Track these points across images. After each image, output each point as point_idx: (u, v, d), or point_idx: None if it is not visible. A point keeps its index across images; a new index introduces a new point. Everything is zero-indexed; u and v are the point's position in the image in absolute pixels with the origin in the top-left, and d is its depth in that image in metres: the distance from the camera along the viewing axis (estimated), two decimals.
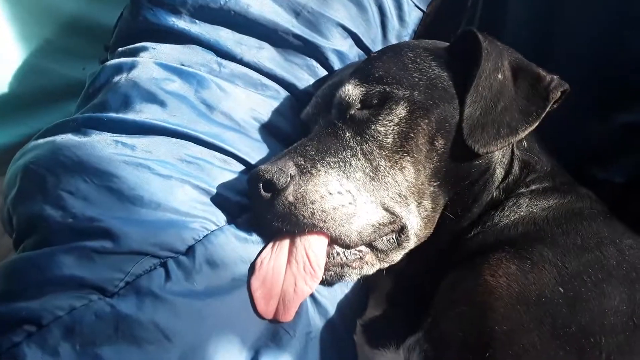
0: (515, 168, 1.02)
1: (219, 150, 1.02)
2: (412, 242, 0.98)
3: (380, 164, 0.95)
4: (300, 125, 1.14)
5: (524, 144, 1.05)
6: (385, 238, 0.96)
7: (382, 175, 0.95)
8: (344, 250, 0.93)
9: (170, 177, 0.93)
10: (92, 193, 0.89)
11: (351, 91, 1.00)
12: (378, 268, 0.97)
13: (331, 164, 0.94)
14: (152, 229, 0.87)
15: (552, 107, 0.98)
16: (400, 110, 0.97)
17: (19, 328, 0.78)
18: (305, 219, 0.89)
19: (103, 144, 0.95)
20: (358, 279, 0.99)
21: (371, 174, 0.95)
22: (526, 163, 1.04)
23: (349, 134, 0.98)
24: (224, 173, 0.99)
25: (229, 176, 0.99)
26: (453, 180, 0.98)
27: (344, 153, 0.96)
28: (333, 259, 0.93)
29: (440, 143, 0.97)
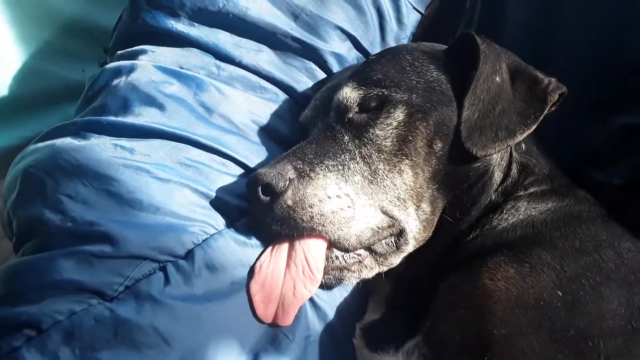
0: (513, 171, 1.02)
1: (217, 153, 1.02)
2: (411, 246, 0.98)
3: (378, 167, 0.95)
4: (299, 128, 1.14)
5: (523, 146, 1.05)
6: (384, 241, 0.96)
7: (381, 178, 0.95)
8: (343, 253, 0.93)
9: (169, 181, 0.93)
10: (92, 197, 0.89)
11: (349, 94, 1.00)
12: (377, 271, 0.97)
13: (330, 167, 0.94)
14: (151, 233, 0.87)
15: (550, 110, 0.98)
16: (399, 114, 0.97)
17: (18, 332, 0.78)
18: (304, 223, 0.89)
19: (102, 148, 0.95)
20: (357, 283, 1.00)
21: (370, 177, 0.95)
22: (524, 166, 1.04)
23: (347, 137, 0.99)
24: (222, 176, 0.99)
25: (227, 180, 0.99)
26: (451, 183, 0.98)
27: (343, 156, 0.96)
28: (332, 262, 0.93)
29: (438, 146, 0.97)
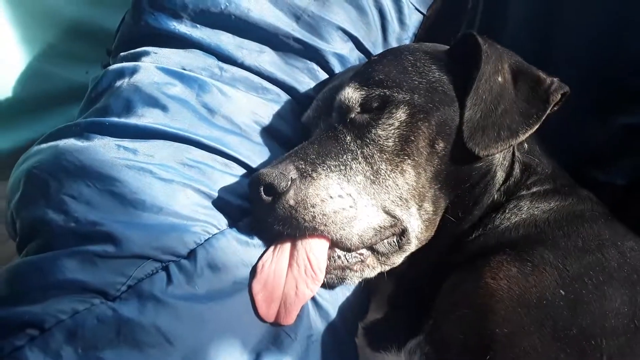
0: (516, 170, 1.03)
1: (220, 154, 1.02)
2: (413, 245, 0.98)
3: (380, 167, 0.95)
4: (301, 128, 1.14)
5: (525, 146, 1.05)
6: (387, 241, 0.96)
7: (383, 178, 0.95)
8: (345, 253, 0.93)
9: (172, 181, 0.93)
10: (95, 197, 0.89)
11: (351, 95, 1.01)
12: (379, 271, 0.98)
13: (332, 167, 0.94)
14: (154, 233, 0.87)
15: (553, 110, 0.98)
16: (401, 114, 0.97)
17: (21, 332, 0.79)
18: (306, 223, 0.89)
19: (105, 149, 0.96)
20: (359, 282, 1.00)
21: (372, 177, 0.95)
22: (527, 165, 1.04)
23: (349, 138, 0.99)
24: (225, 177, 1.00)
25: (230, 180, 1.00)
26: (454, 183, 0.98)
27: (345, 156, 0.96)
28: (334, 262, 0.93)
29: (440, 146, 0.97)
